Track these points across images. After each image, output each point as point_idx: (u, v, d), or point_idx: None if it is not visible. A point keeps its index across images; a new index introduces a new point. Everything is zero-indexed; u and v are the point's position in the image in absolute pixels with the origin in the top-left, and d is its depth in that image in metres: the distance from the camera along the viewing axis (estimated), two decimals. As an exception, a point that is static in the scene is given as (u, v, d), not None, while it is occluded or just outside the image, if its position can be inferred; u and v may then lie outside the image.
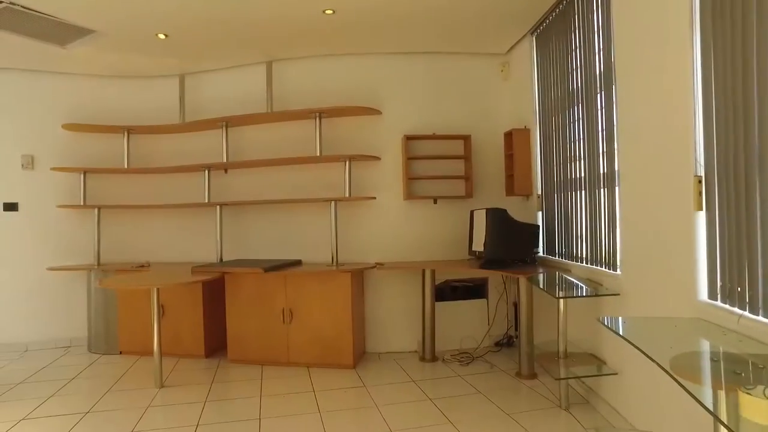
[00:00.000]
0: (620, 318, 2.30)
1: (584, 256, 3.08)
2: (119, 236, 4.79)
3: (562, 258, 3.43)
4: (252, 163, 4.23)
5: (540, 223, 3.79)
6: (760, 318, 1.62)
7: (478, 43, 4.05)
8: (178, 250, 4.73)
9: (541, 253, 3.78)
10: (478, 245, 3.68)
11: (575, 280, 3.00)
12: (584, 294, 2.70)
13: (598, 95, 2.81)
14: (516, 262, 3.65)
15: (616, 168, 2.60)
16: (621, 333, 1.78)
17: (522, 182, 3.89)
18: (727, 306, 1.79)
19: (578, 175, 3.14)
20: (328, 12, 3.35)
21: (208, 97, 4.63)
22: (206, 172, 4.46)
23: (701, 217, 1.93)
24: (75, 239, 4.69)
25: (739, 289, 1.73)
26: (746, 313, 1.68)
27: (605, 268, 2.79)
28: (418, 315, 4.11)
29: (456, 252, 4.22)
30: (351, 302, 3.75)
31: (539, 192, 3.79)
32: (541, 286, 2.91)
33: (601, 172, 2.81)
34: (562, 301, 2.77)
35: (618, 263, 2.61)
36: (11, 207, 4.58)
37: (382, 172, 4.22)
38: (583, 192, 3.07)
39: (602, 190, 2.82)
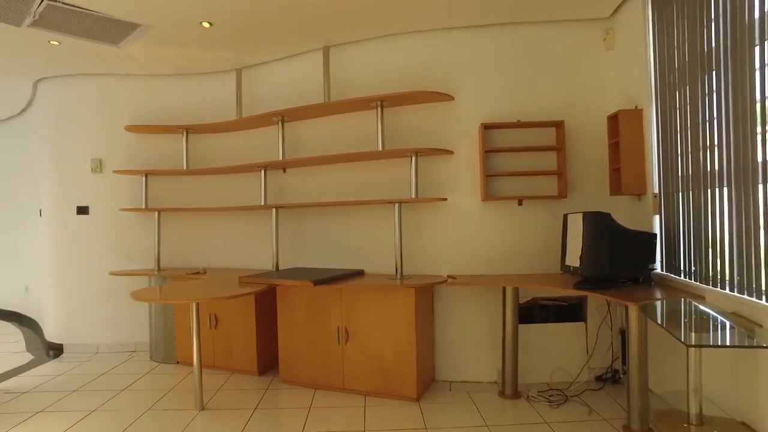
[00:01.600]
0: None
1: (727, 278, 2.27)
2: (179, 240, 4.70)
3: (690, 279, 2.62)
4: (308, 160, 3.86)
5: (657, 231, 2.98)
6: None
7: (573, 6, 3.31)
8: (236, 255, 4.53)
9: (658, 270, 2.97)
10: (573, 259, 2.96)
11: (713, 313, 2.21)
12: (732, 343, 1.93)
13: (756, 48, 2.01)
14: (624, 281, 2.88)
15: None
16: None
17: (632, 178, 3.10)
18: None
19: (717, 167, 2.33)
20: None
21: (265, 91, 4.36)
22: (262, 172, 4.19)
23: None
24: (138, 243, 4.67)
25: None
26: None
27: (764, 299, 1.98)
28: (497, 339, 3.48)
29: (545, 264, 3.51)
30: (415, 322, 3.23)
31: (656, 190, 2.99)
32: (660, 322, 2.16)
33: (758, 160, 2.01)
34: (694, 350, 2.02)
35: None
36: (83, 211, 4.67)
37: (454, 168, 3.63)
38: (725, 189, 2.27)
39: (759, 186, 2.01)
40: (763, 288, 2.01)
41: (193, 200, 4.67)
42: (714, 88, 2.33)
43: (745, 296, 2.12)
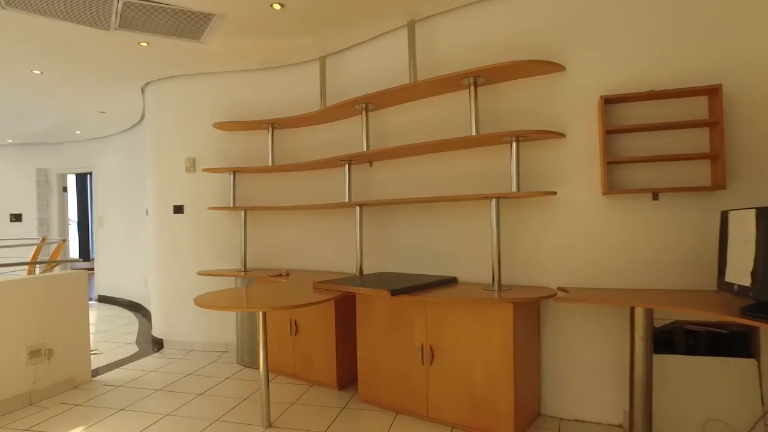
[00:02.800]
0: None
1: None
2: (265, 239, 4.61)
3: None
4: (392, 151, 3.45)
5: None
6: None
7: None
8: (321, 257, 4.29)
9: None
10: (739, 274, 2.16)
11: None
12: None
13: None
14: (823, 307, 2.02)
15: None
16: None
17: (835, 159, 2.19)
18: None
19: None
20: None
21: (349, 79, 4.05)
22: (346, 166, 3.88)
23: None
24: (228, 242, 4.66)
25: None
26: None
27: None
28: (623, 371, 2.75)
29: (693, 279, 2.69)
30: (514, 344, 2.65)
31: None
32: None
33: None
34: None
35: None
36: (179, 210, 4.79)
37: (565, 154, 2.96)
38: None
39: None
40: None
41: (279, 198, 4.54)
42: None
43: None
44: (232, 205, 4.50)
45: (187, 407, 3.23)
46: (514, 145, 2.96)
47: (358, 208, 3.77)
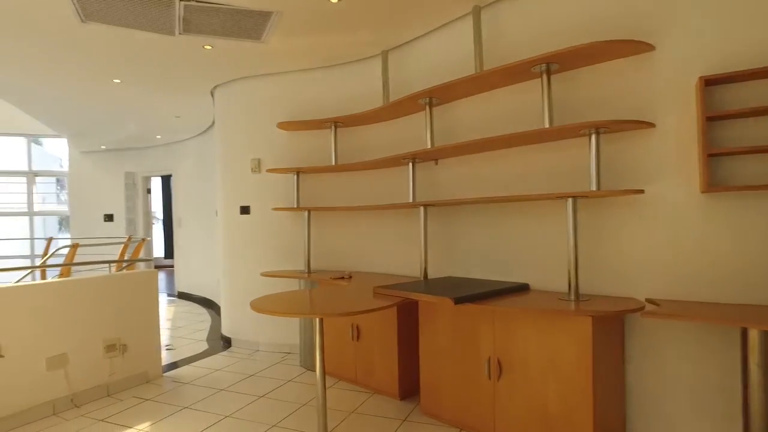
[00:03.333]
0: None
1: None
2: (329, 240, 4.57)
3: None
4: (457, 147, 3.25)
5: None
6: None
7: None
8: (385, 259, 4.18)
9: None
10: None
11: None
12: None
13: None
14: None
15: None
16: None
17: None
18: None
19: None
20: None
21: (412, 74, 3.90)
22: (410, 165, 3.73)
23: None
24: (292, 243, 4.68)
25: None
26: None
27: None
28: (733, 400, 2.36)
29: (821, 292, 2.25)
30: (593, 362, 2.36)
31: None
32: None
33: None
34: None
35: None
36: (245, 210, 4.89)
37: (654, 147, 2.61)
38: None
39: None
40: None
41: (342, 198, 4.48)
42: None
43: None
44: (295, 206, 4.50)
45: (247, 409, 3.23)
46: (593, 137, 2.65)
47: (422, 208, 3.60)
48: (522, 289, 3.04)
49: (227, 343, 5.05)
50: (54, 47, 3.91)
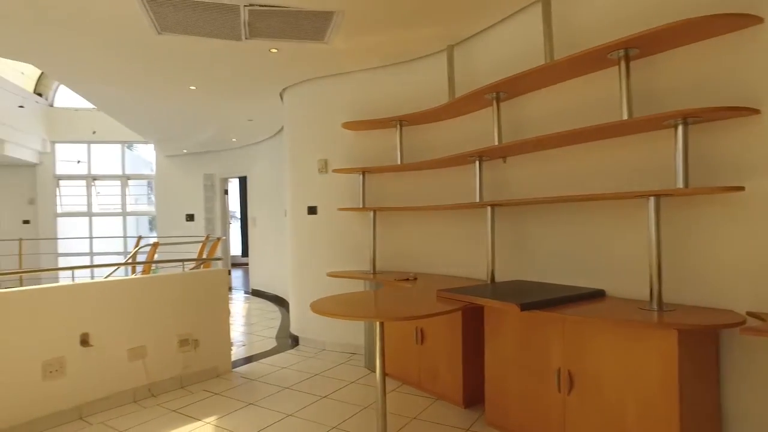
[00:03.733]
0: None
1: None
2: (394, 241, 4.53)
3: None
4: (529, 144, 3.07)
5: None
6: None
7: None
8: (451, 261, 4.07)
9: None
10: None
11: None
12: None
13: None
14: None
15: None
16: None
17: None
18: None
19: None
20: None
21: (480, 68, 3.76)
22: (477, 163, 3.60)
23: None
24: (358, 243, 4.69)
25: None
26: None
27: None
28: None
29: None
30: (678, 382, 2.12)
31: None
32: None
33: None
34: None
35: None
36: (312, 211, 4.97)
37: (757, 137, 2.29)
38: None
39: None
40: None
41: (408, 198, 4.43)
42: None
43: None
44: (361, 206, 4.50)
45: (309, 409, 3.26)
46: (680, 129, 2.38)
47: (489, 208, 3.46)
48: (597, 295, 2.81)
49: (295, 341, 5.17)
50: (135, 59, 4.20)
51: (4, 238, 9.67)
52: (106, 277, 3.71)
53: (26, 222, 10.46)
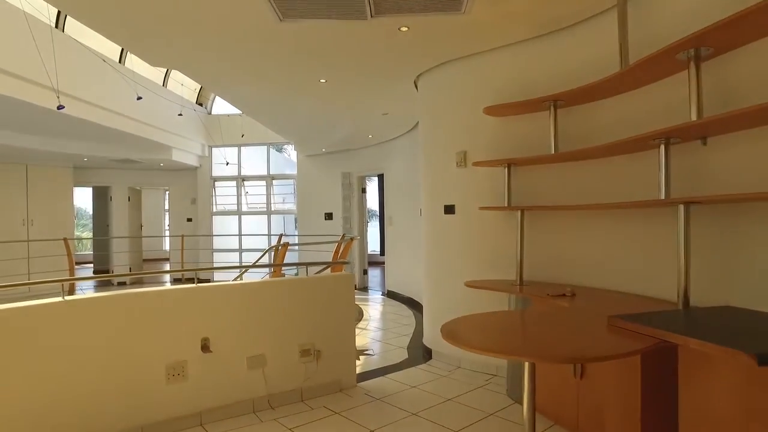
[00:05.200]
0: None
1: None
2: (546, 246, 3.83)
3: None
4: (746, 116, 2.21)
5: None
6: None
7: None
8: (621, 272, 3.28)
9: None
10: None
11: None
12: None
13: None
14: None
15: None
16: None
17: None
18: None
19: None
20: None
21: (660, 24, 2.93)
22: (661, 147, 2.78)
23: None
24: (502, 247, 4.08)
25: None
26: None
27: None
28: None
29: None
30: None
31: None
32: None
33: None
34: None
35: None
36: (450, 210, 4.49)
37: None
38: None
39: None
40: None
41: (564, 195, 3.70)
42: None
43: None
44: (506, 205, 3.90)
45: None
46: None
47: (681, 206, 2.62)
48: None
49: (428, 354, 4.73)
50: (261, 54, 4.22)
51: (173, 234, 11.01)
52: (234, 279, 3.65)
53: (189, 220, 11.71)
